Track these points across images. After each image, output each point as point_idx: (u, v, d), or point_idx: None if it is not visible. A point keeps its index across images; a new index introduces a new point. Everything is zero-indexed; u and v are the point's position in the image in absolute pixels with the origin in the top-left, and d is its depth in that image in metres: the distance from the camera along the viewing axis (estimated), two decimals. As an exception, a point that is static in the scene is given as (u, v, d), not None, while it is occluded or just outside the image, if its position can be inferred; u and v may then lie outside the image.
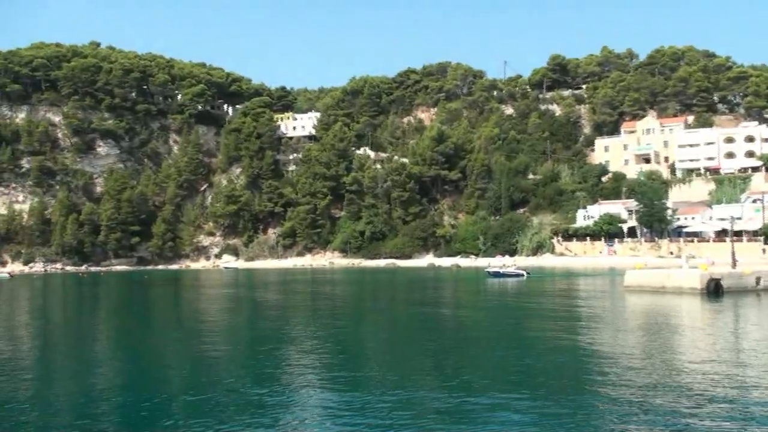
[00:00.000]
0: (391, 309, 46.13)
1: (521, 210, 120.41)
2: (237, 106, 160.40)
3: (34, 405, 18.17)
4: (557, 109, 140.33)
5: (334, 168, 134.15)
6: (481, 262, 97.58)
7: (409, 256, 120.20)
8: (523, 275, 70.78)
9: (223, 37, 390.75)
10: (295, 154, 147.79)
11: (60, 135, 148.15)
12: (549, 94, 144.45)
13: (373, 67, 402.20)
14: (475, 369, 21.73)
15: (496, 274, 72.04)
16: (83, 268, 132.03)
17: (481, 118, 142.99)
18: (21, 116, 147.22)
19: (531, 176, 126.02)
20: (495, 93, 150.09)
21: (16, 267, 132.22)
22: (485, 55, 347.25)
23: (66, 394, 19.80)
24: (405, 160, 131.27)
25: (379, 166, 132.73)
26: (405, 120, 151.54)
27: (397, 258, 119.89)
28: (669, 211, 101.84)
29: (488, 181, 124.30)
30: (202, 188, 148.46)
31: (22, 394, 19.36)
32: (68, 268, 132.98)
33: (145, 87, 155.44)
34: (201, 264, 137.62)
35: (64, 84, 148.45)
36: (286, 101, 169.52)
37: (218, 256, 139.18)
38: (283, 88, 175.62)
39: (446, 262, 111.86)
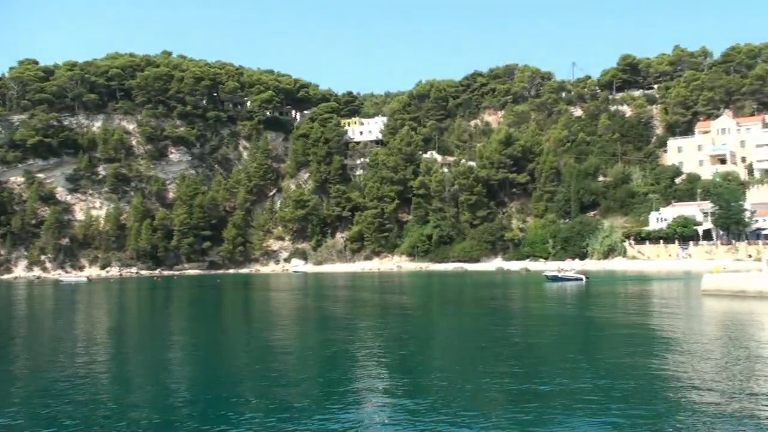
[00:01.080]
0: (453, 318, 43.96)
1: (591, 213, 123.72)
2: (305, 111, 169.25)
3: (111, 401, 19.79)
4: (628, 110, 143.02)
5: (401, 172, 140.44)
6: (551, 265, 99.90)
7: (477, 260, 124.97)
8: (581, 279, 71.84)
9: (291, 44, 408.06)
10: (362, 159, 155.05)
11: (134, 142, 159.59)
12: (619, 95, 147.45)
13: (439, 71, 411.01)
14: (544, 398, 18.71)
15: (555, 278, 73.45)
16: (157, 272, 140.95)
17: (549, 120, 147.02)
18: (97, 125, 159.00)
19: (601, 178, 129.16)
20: (563, 95, 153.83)
21: (93, 271, 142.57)
22: (553, 56, 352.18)
23: (142, 392, 21.52)
24: (472, 163, 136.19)
25: (446, 169, 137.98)
26: (472, 123, 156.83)
27: (465, 261, 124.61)
28: (747, 213, 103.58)
29: (557, 183, 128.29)
30: (271, 193, 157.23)
31: (102, 391, 21.17)
32: (143, 272, 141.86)
33: (215, 94, 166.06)
34: (270, 268, 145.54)
35: (138, 93, 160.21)
36: (352, 106, 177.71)
37: (287, 260, 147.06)
38: (349, 94, 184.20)
39: (515, 265, 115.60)
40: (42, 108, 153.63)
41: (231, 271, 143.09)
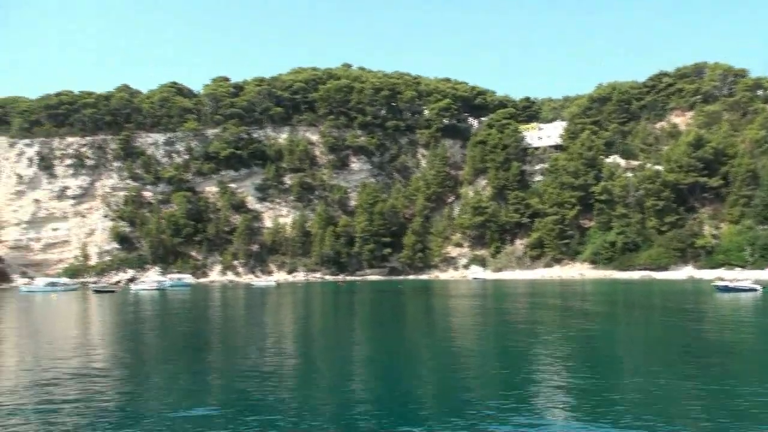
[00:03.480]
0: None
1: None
2: (482, 118, 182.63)
3: (293, 399, 23.17)
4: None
5: (582, 177, 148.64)
6: (749, 274, 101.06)
7: (665, 268, 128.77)
8: (757, 290, 72.49)
9: (467, 51, 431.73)
10: (541, 165, 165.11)
11: (317, 153, 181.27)
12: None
13: (620, 73, 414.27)
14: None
15: (726, 289, 74.73)
16: (340, 277, 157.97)
17: (744, 120, 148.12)
18: (283, 137, 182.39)
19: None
20: (760, 93, 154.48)
21: (281, 275, 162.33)
22: (747, 52, 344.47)
23: (325, 391, 24.39)
24: (659, 167, 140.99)
25: (630, 174, 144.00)
26: (657, 126, 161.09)
27: (652, 270, 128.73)
28: None
29: (755, 187, 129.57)
30: (450, 200, 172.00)
31: (285, 390, 24.56)
32: (327, 277, 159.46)
33: (394, 104, 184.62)
34: (449, 274, 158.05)
35: (321, 105, 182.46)
36: (530, 112, 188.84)
37: (466, 266, 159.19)
38: (527, 99, 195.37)
39: (708, 274, 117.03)
40: (233, 122, 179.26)
41: (411, 277, 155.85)
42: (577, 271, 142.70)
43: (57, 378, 28.07)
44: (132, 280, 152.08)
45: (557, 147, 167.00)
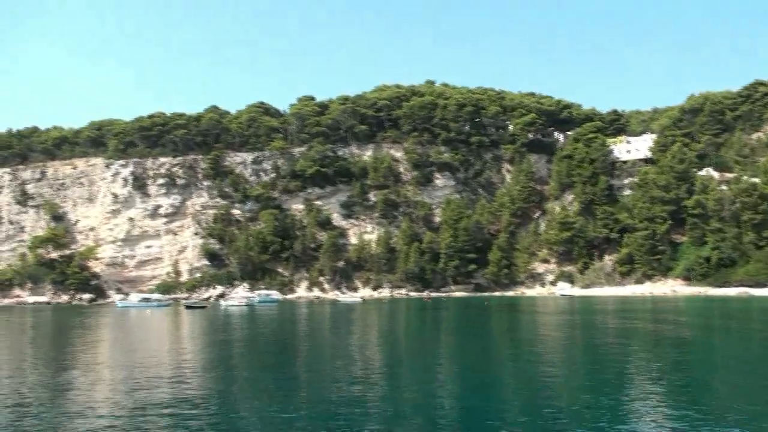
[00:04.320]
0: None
1: None
2: (568, 132, 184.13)
3: (381, 415, 23.64)
4: None
5: (673, 191, 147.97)
6: None
7: (764, 285, 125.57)
8: None
9: (551, 65, 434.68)
10: (630, 178, 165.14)
11: (402, 169, 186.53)
12: None
13: (712, 83, 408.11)
14: None
15: None
16: (425, 293, 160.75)
17: None
18: (368, 154, 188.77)
19: None
20: None
21: (366, 292, 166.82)
22: None
23: (412, 406, 25.07)
24: (755, 179, 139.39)
25: (725, 187, 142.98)
26: (754, 136, 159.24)
27: (750, 286, 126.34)
28: None
29: None
30: (536, 216, 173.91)
31: (371, 405, 25.07)
32: (412, 293, 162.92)
33: (477, 120, 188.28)
34: (536, 291, 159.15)
35: (405, 122, 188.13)
36: (618, 125, 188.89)
37: (553, 282, 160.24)
38: (614, 112, 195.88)
39: None
40: (319, 140, 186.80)
41: (496, 293, 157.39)
42: (669, 287, 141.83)
43: (150, 387, 30.50)
44: (221, 296, 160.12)
45: (646, 160, 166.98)
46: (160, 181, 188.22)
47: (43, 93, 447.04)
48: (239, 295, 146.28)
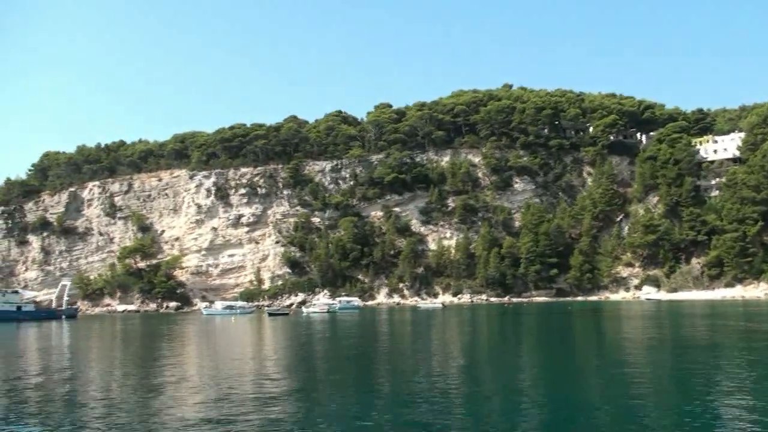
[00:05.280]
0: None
1: None
2: (651, 133, 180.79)
3: (459, 413, 24.25)
4: None
5: (765, 191, 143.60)
6: None
7: None
8: None
9: (632, 64, 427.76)
10: (717, 179, 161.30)
11: (480, 174, 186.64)
12: None
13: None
14: None
15: None
16: (506, 298, 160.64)
17: None
18: (445, 159, 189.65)
19: None
20: None
21: (446, 298, 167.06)
22: None
23: (497, 418, 24.34)
24: None
25: None
26: None
27: None
28: None
29: None
30: (618, 219, 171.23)
31: (453, 414, 24.47)
32: (492, 299, 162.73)
33: (556, 122, 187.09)
34: (620, 295, 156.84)
35: (482, 126, 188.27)
36: (703, 124, 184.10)
37: (638, 287, 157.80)
38: (699, 110, 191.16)
39: None
40: (396, 147, 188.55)
41: (579, 298, 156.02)
42: (762, 291, 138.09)
43: (236, 390, 31.13)
44: (303, 303, 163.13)
45: (735, 160, 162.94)
46: (242, 190, 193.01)
47: (129, 107, 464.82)
48: (321, 302, 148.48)
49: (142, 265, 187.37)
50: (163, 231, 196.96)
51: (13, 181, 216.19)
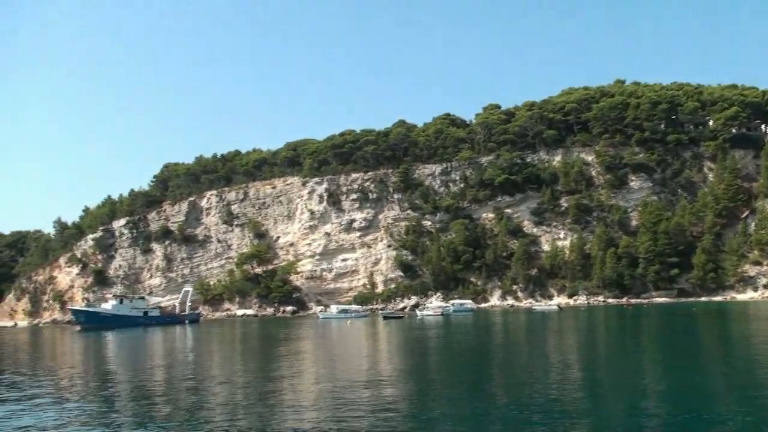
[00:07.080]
0: None
1: None
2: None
3: (575, 418, 24.29)
4: None
5: None
6: None
7: None
8: None
9: (753, 54, 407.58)
10: None
11: (593, 173, 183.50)
12: None
13: None
14: None
15: None
16: (625, 300, 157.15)
17: None
18: (557, 159, 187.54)
19: None
20: None
21: (561, 299, 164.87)
22: None
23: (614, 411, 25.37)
24: None
25: None
26: None
27: None
28: None
29: None
30: (744, 215, 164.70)
31: (574, 411, 25.27)
32: (609, 300, 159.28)
33: (674, 117, 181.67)
34: (748, 295, 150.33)
35: (595, 124, 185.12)
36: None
37: (767, 286, 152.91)
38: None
39: None
40: (506, 148, 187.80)
41: (703, 298, 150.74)
42: None
43: (365, 388, 33.02)
44: (416, 306, 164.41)
45: None
46: (353, 196, 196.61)
47: (242, 119, 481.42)
48: (434, 305, 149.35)
49: (258, 270, 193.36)
50: (278, 237, 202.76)
51: (137, 192, 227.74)
